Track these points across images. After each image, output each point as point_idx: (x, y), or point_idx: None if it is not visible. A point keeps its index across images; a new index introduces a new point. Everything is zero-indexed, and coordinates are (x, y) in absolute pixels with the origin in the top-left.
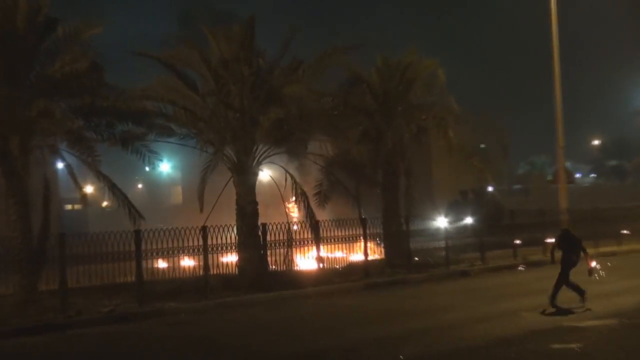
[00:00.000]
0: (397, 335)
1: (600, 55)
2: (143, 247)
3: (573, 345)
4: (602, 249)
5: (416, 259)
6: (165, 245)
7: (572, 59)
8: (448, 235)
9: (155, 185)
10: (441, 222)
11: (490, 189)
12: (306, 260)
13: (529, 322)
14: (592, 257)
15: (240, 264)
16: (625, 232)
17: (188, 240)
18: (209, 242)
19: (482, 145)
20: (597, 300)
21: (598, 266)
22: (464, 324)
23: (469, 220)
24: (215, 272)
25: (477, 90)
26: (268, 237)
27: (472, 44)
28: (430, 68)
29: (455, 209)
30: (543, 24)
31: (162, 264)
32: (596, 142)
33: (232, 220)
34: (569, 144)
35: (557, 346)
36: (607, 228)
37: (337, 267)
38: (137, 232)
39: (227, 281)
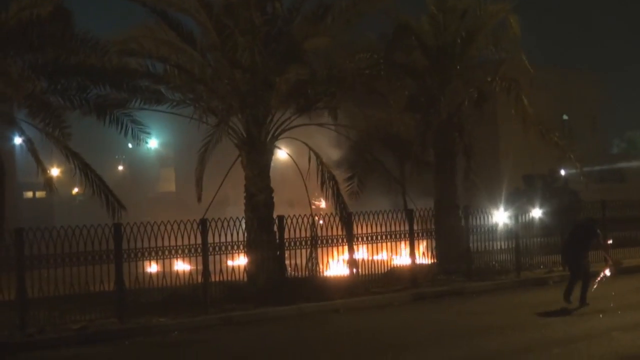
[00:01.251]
0: None
1: None
2: (125, 246)
3: None
4: None
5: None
6: (153, 244)
7: None
8: (517, 233)
9: (140, 167)
10: (499, 216)
11: (562, 172)
12: (335, 264)
13: (623, 345)
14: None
15: (249, 268)
16: None
17: (183, 238)
18: (210, 240)
19: (565, 117)
20: None
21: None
22: (537, 346)
23: (536, 213)
24: (217, 278)
25: (561, 48)
26: (286, 234)
27: None
28: (498, 15)
29: (516, 200)
30: None
31: (150, 268)
32: None
33: (239, 212)
34: None
35: None
36: None
37: (376, 273)
38: (117, 227)
39: (232, 290)
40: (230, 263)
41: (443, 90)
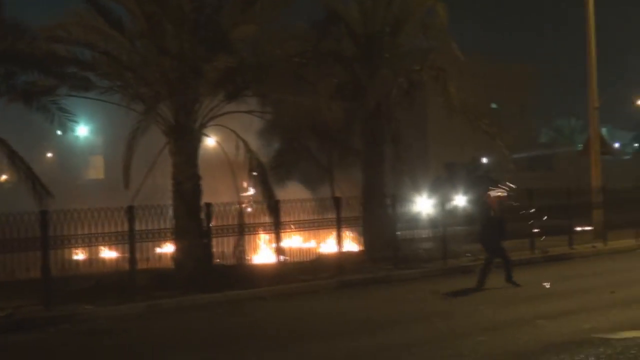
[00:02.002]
0: (376, 350)
1: None
2: (52, 233)
3: None
4: None
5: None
6: (81, 231)
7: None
8: (441, 221)
9: (69, 155)
10: (425, 204)
11: (484, 160)
12: (263, 252)
13: (548, 333)
14: None
15: (177, 255)
16: None
17: (110, 225)
18: (137, 227)
19: (494, 105)
20: (637, 305)
21: None
22: (465, 334)
23: (460, 201)
24: (145, 266)
25: (490, 37)
26: (213, 222)
27: None
28: (426, 3)
29: (439, 188)
30: None
31: (77, 255)
32: None
33: (168, 199)
34: (606, 104)
35: None
36: None
37: (303, 260)
38: (44, 214)
39: (160, 278)
40: (158, 250)
41: (372, 79)
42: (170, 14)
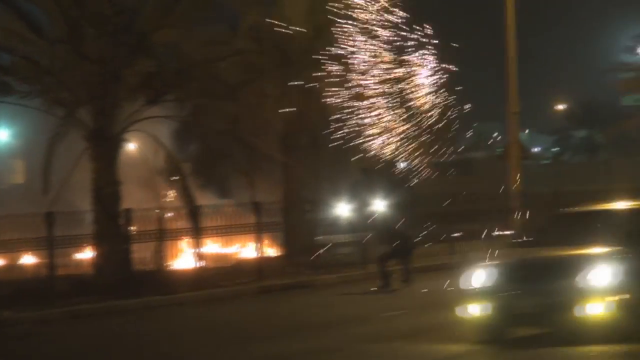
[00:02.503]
0: (287, 355)
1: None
2: None
3: None
4: None
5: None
6: None
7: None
8: (361, 226)
9: None
10: (344, 209)
11: (402, 165)
12: (183, 258)
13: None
14: None
15: (96, 261)
16: None
17: (29, 231)
18: (57, 233)
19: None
20: None
21: None
22: (381, 338)
23: (378, 207)
24: (65, 272)
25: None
26: (133, 227)
27: None
28: None
29: (357, 193)
30: None
31: None
32: (561, 107)
33: (89, 204)
34: (526, 109)
35: None
36: None
37: (224, 266)
38: None
39: (79, 284)
40: (79, 256)
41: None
42: (90, 18)
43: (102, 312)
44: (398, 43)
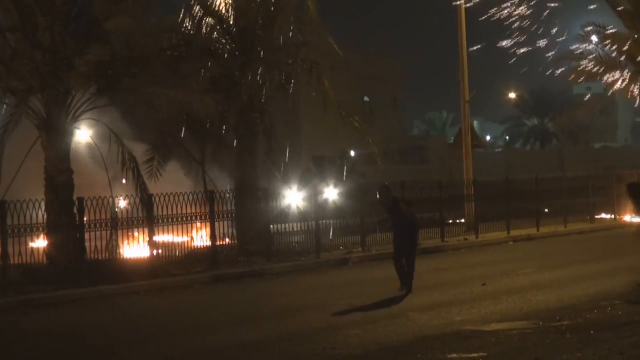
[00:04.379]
0: (245, 344)
1: None
2: None
3: (474, 355)
4: (516, 232)
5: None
6: None
7: None
8: (313, 215)
9: None
10: (297, 197)
11: (352, 154)
12: (137, 246)
13: (420, 326)
14: None
15: (50, 251)
16: (546, 210)
17: None
18: (9, 222)
19: (367, 99)
20: (507, 297)
21: None
22: (336, 327)
23: (330, 195)
24: (17, 261)
25: (363, 29)
26: (86, 217)
27: None
28: None
29: (308, 181)
30: None
31: None
32: (513, 96)
33: (42, 194)
34: (478, 98)
35: (454, 356)
36: (524, 206)
37: (178, 255)
38: None
39: (33, 273)
40: (33, 245)
41: (245, 72)
42: (42, 6)
43: (56, 301)
44: None
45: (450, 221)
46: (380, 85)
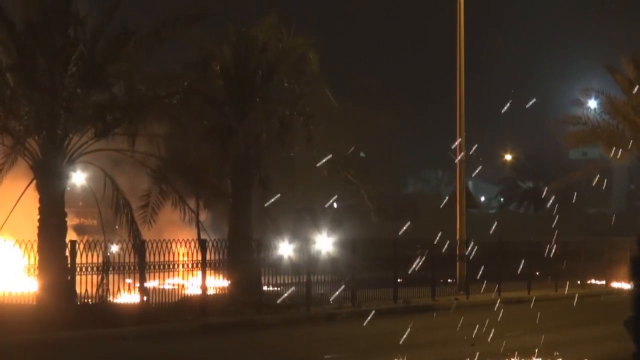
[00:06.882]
0: None
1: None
2: None
3: None
4: (507, 294)
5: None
6: None
7: (485, 55)
8: (304, 267)
9: None
10: (287, 249)
11: (335, 205)
12: (128, 292)
13: None
14: None
15: (40, 292)
16: (537, 273)
17: None
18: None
19: (362, 154)
20: (495, 359)
21: None
22: None
23: (323, 247)
24: (5, 303)
25: (361, 84)
26: (78, 259)
27: (357, 26)
28: (298, 50)
29: (299, 232)
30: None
31: None
32: (508, 158)
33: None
34: (474, 158)
35: None
36: (515, 267)
37: (168, 301)
38: None
39: (22, 315)
40: (22, 288)
41: (242, 122)
42: (43, 47)
43: (44, 344)
44: None
45: (441, 280)
46: (375, 141)
